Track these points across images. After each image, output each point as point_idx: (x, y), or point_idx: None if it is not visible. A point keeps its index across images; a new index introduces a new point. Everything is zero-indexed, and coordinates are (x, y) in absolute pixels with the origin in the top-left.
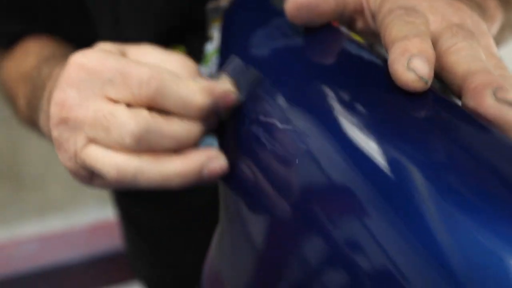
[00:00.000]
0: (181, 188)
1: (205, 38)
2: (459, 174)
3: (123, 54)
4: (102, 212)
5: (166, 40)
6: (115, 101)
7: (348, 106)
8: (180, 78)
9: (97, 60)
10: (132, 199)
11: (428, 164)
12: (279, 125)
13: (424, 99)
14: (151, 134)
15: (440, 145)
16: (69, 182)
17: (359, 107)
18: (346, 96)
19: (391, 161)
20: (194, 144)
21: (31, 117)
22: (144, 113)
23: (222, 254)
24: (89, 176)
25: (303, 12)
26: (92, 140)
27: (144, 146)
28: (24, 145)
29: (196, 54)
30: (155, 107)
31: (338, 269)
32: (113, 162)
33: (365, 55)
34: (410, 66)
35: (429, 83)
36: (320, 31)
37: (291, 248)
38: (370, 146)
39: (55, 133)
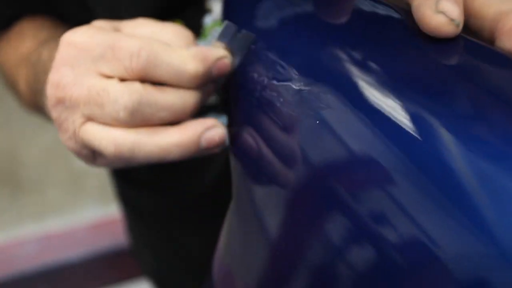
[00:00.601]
0: (181, 168)
1: (203, 11)
2: (489, 124)
3: (116, 30)
4: (101, 214)
5: (163, 15)
6: (109, 77)
7: (365, 67)
8: (171, 47)
9: (87, 36)
10: (132, 186)
11: (455, 118)
12: (294, 87)
13: (449, 46)
14: (145, 106)
15: (468, 95)
16: (67, 185)
17: (377, 67)
18: (362, 56)
19: (415, 122)
20: (192, 114)
21: (35, 102)
22: (137, 86)
23: (233, 244)
24: (91, 155)
25: None
26: (88, 118)
27: (139, 119)
28: (22, 149)
29: (195, 28)
30: (149, 79)
31: (365, 246)
32: (110, 138)
33: (381, 10)
34: (439, 8)
35: (461, 26)
36: None
37: (310, 230)
38: (391, 107)
39: (54, 114)
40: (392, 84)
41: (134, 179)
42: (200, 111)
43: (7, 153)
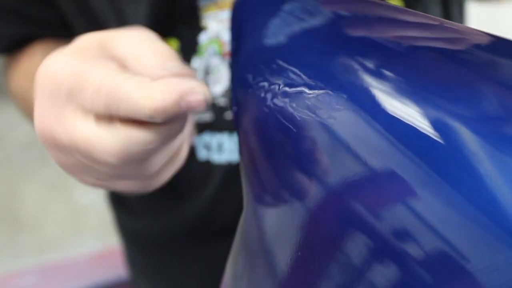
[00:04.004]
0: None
1: (199, 28)
2: None
3: (103, 46)
4: (100, 248)
5: (157, 33)
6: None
7: (380, 72)
8: (135, 80)
9: (59, 67)
10: (129, 212)
11: (483, 121)
12: (308, 91)
13: (467, 44)
14: (133, 147)
15: (495, 93)
16: (66, 223)
17: (392, 72)
18: (376, 61)
19: (437, 128)
20: (170, 141)
21: None
22: (118, 129)
23: (240, 282)
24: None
25: None
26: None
27: (127, 159)
28: (21, 187)
29: (190, 46)
30: (116, 116)
31: (389, 266)
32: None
33: (392, 13)
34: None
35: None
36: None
37: (328, 254)
38: (409, 114)
39: (53, 156)
40: (410, 90)
41: (131, 205)
42: (196, 130)
43: (6, 191)
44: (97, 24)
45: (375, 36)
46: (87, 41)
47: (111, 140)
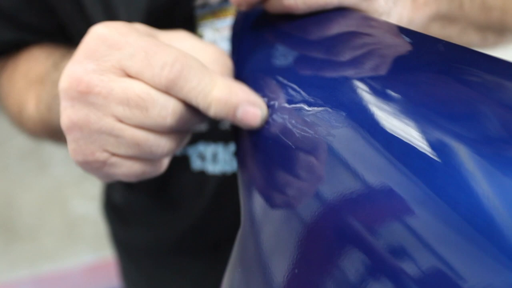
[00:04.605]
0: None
1: None
2: None
3: (153, 36)
4: (95, 259)
5: None
6: (132, 77)
7: (380, 90)
8: (208, 69)
9: (119, 33)
10: (124, 223)
11: (483, 141)
12: (307, 108)
13: (467, 63)
14: (186, 115)
15: (492, 113)
16: (61, 234)
17: (392, 91)
18: (377, 80)
19: (436, 147)
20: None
21: (47, 121)
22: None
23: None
24: (105, 160)
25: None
26: (118, 119)
27: (180, 126)
28: (17, 197)
29: None
30: (172, 93)
31: (383, 282)
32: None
33: (392, 34)
34: None
35: None
36: (330, 24)
37: (324, 269)
38: (409, 133)
39: (68, 110)
40: (409, 108)
41: (125, 215)
42: (191, 139)
43: (2, 202)
44: None
45: (375, 54)
46: (139, 26)
47: (173, 102)
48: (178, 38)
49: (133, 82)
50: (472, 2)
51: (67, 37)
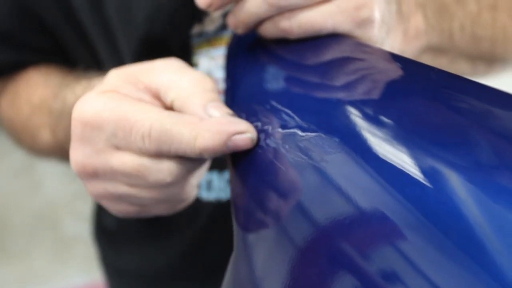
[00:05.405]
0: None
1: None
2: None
3: (135, 79)
4: (86, 281)
5: None
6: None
7: (373, 116)
8: (184, 119)
9: (95, 113)
10: (114, 248)
11: (475, 167)
12: (300, 133)
13: (459, 91)
14: (183, 170)
15: (484, 140)
16: (52, 255)
17: (385, 117)
18: (370, 106)
19: (427, 173)
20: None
21: (63, 148)
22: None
23: None
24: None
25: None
26: (131, 185)
27: (180, 176)
28: (9, 217)
29: None
30: (164, 155)
31: None
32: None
33: (382, 63)
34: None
35: None
36: (324, 50)
37: None
38: (401, 159)
39: (88, 187)
40: (403, 135)
41: (117, 242)
42: None
43: None
44: (94, 55)
45: (368, 80)
46: (117, 78)
47: (166, 164)
48: (155, 74)
49: (126, 155)
50: (462, 34)
51: (65, 55)
